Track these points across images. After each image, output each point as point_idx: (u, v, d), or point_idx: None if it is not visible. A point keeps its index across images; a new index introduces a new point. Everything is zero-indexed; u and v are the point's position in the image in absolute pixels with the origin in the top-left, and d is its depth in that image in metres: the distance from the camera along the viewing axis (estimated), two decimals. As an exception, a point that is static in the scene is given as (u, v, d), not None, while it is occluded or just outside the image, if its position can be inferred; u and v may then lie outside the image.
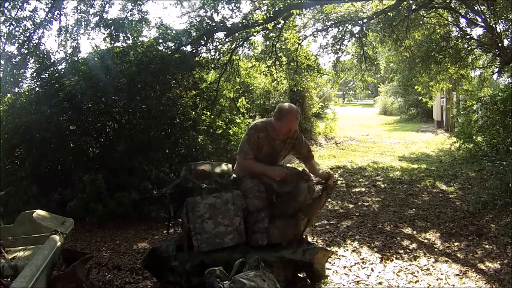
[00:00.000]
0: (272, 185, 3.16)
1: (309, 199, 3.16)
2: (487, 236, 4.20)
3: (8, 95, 6.31)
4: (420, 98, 16.50)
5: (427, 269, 3.53)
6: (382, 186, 6.75)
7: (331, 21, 9.55)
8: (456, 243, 4.11)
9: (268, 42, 8.85)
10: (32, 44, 6.70)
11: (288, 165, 3.30)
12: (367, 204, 5.72)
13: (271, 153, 3.28)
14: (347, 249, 4.07)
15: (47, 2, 6.75)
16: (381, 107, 26.85)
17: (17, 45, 6.65)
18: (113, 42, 6.39)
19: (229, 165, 3.26)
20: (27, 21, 6.65)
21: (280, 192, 3.18)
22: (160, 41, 6.65)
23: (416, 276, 3.40)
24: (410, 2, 8.37)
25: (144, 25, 7.20)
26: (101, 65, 5.72)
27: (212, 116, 6.55)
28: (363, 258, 3.82)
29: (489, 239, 4.14)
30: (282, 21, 7.93)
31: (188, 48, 6.93)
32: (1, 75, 6.42)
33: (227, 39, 7.76)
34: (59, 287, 2.48)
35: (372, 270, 3.57)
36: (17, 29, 6.63)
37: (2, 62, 6.56)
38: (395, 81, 22.85)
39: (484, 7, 8.38)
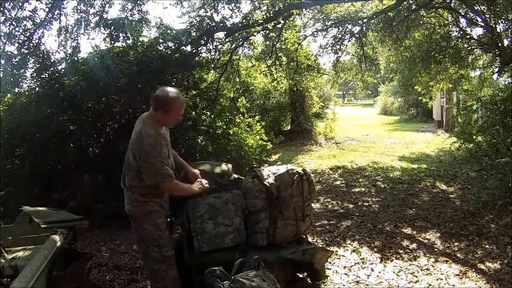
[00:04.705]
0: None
1: (309, 198, 3.17)
2: (487, 236, 4.21)
3: (8, 95, 6.31)
4: (420, 98, 16.47)
5: (427, 269, 3.54)
6: (382, 186, 6.74)
7: (331, 21, 9.54)
8: (456, 243, 4.11)
9: (268, 42, 8.86)
10: (32, 44, 6.70)
11: (289, 165, 3.27)
12: (367, 204, 5.72)
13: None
14: (347, 249, 4.07)
15: (47, 2, 6.76)
16: (381, 107, 26.79)
17: (17, 45, 6.66)
18: (113, 42, 6.39)
19: (229, 165, 3.25)
20: (27, 21, 6.66)
21: None
22: (160, 41, 6.64)
23: (416, 276, 3.40)
24: (410, 2, 8.36)
25: (144, 25, 7.22)
26: (101, 65, 5.71)
27: (212, 116, 6.55)
28: (363, 258, 3.83)
29: (489, 239, 4.15)
30: (282, 21, 7.92)
31: (188, 48, 6.92)
32: (1, 75, 6.42)
33: (227, 39, 7.75)
34: (59, 287, 2.48)
35: (372, 270, 3.57)
36: (17, 29, 6.65)
37: (2, 62, 6.57)
38: (395, 81, 22.85)
39: (484, 7, 8.38)
